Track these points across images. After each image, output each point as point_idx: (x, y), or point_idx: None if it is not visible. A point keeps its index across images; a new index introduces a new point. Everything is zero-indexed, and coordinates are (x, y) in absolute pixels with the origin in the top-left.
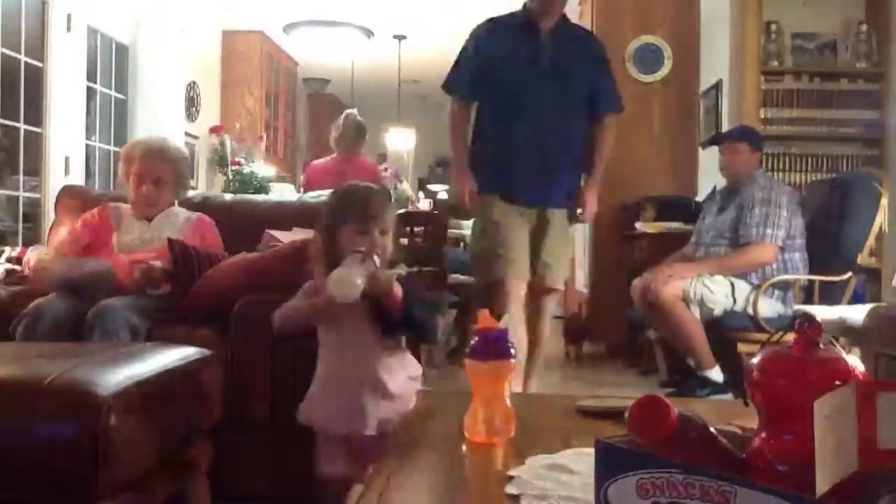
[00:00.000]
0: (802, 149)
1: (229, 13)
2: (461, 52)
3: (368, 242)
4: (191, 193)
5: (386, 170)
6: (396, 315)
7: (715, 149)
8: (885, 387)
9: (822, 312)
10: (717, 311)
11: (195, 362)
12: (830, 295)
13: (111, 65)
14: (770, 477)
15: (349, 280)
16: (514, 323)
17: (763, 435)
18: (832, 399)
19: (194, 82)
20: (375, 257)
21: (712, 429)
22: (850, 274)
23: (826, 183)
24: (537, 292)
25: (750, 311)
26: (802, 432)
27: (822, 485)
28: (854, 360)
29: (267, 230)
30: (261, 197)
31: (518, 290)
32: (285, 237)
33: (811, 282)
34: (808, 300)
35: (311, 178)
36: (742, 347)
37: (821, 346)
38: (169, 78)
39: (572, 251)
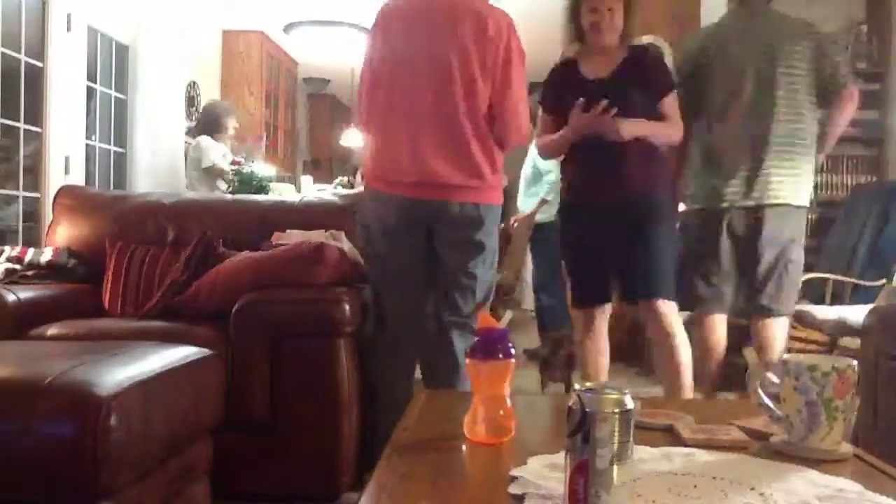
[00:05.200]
0: None
1: (229, 13)
2: None
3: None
4: (189, 193)
5: None
6: None
7: None
8: None
9: (822, 312)
10: None
11: (195, 362)
12: (863, 299)
13: (111, 65)
14: None
15: None
16: None
17: None
18: None
19: (194, 82)
20: None
21: None
22: (883, 280)
23: (871, 187)
24: None
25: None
26: None
27: None
28: None
29: (277, 231)
30: (261, 197)
31: None
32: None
33: (845, 284)
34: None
35: None
36: None
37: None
38: (169, 78)
39: None
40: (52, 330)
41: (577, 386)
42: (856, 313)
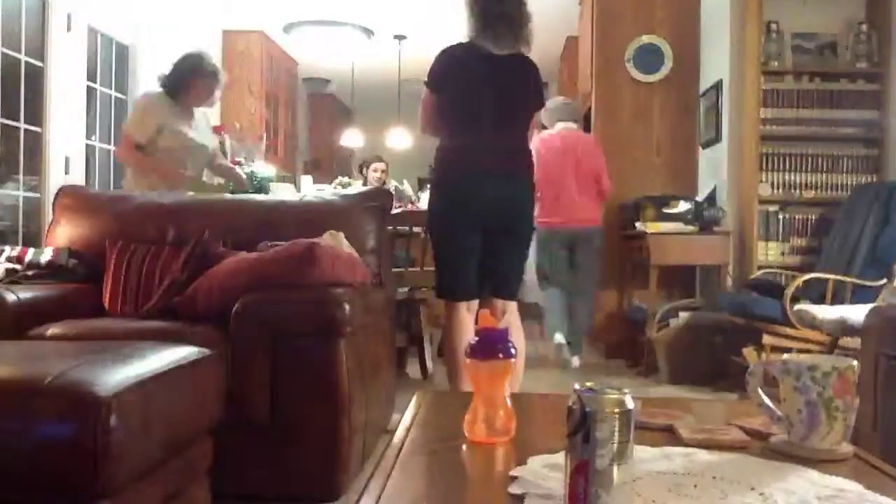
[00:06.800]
0: (802, 149)
1: (229, 13)
2: None
3: None
4: (189, 193)
5: (383, 171)
6: None
7: (714, 148)
8: None
9: (822, 312)
10: None
11: (195, 362)
12: (863, 299)
13: (111, 65)
14: None
15: None
16: None
17: None
18: None
19: None
20: None
21: None
22: (884, 280)
23: (871, 187)
24: None
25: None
26: None
27: None
28: None
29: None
30: (261, 197)
31: None
32: None
33: (844, 284)
34: (841, 303)
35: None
36: (767, 339)
37: None
38: None
39: None
40: (52, 330)
41: (577, 386)
42: (856, 313)
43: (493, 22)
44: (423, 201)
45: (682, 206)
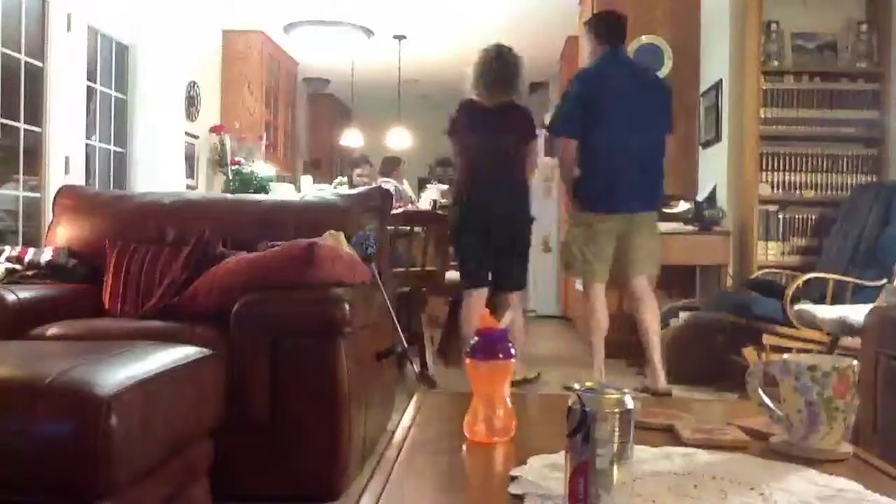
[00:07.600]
0: (802, 149)
1: (229, 13)
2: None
3: None
4: (190, 193)
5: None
6: None
7: (715, 148)
8: None
9: (822, 312)
10: None
11: (195, 362)
12: (863, 299)
13: (111, 65)
14: None
15: None
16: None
17: None
18: None
19: (194, 82)
20: None
21: None
22: (884, 280)
23: (871, 187)
24: None
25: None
26: None
27: None
28: None
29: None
30: (261, 197)
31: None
32: None
33: (844, 284)
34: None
35: None
36: (767, 339)
37: None
38: (169, 78)
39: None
40: (52, 330)
41: (576, 386)
42: (856, 313)
43: (489, 85)
44: (423, 201)
45: (682, 206)
